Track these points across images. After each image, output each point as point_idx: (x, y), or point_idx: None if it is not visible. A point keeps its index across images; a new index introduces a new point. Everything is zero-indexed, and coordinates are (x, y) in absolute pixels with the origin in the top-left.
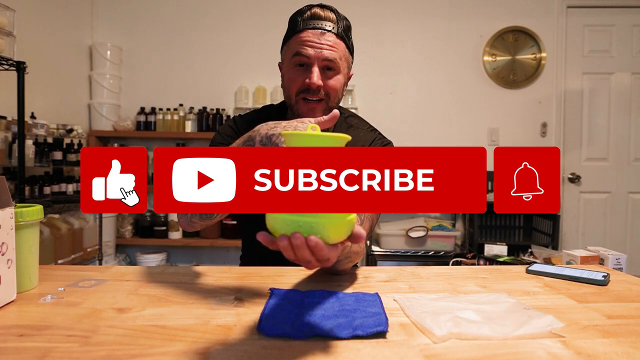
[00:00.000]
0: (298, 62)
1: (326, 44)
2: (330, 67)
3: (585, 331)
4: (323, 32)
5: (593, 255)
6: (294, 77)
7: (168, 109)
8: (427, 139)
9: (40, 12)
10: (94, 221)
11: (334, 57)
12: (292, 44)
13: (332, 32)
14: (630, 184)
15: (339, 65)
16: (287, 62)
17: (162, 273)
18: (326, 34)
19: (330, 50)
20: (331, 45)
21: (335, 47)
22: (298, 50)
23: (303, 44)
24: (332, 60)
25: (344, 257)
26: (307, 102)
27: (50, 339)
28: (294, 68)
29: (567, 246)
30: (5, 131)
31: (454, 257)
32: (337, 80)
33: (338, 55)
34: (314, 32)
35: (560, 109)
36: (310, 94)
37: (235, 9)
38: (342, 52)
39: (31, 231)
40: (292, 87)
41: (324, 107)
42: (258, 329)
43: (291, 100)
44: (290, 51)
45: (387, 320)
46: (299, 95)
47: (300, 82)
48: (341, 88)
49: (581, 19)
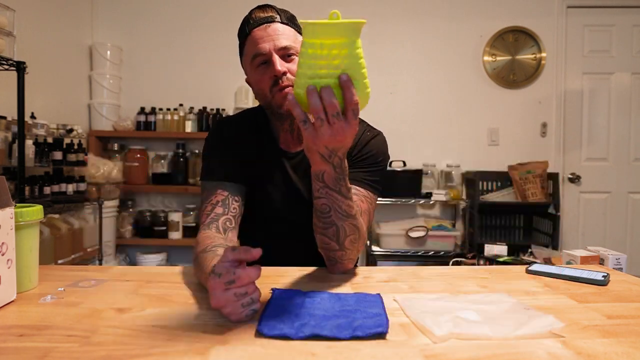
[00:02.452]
0: (258, 62)
1: (275, 33)
2: (289, 54)
3: (585, 331)
4: (268, 24)
5: (593, 255)
6: (260, 77)
7: (168, 109)
8: (427, 139)
9: (40, 12)
10: (94, 221)
11: (288, 43)
12: (247, 49)
13: (276, 21)
14: (630, 184)
15: (295, 48)
16: (250, 68)
17: (162, 273)
18: (271, 25)
19: (282, 38)
20: (281, 33)
21: (285, 33)
22: (254, 50)
23: (256, 43)
24: (286, 46)
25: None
26: (280, 91)
27: (50, 339)
28: (257, 69)
29: (567, 246)
30: (5, 131)
31: (454, 257)
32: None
33: (291, 40)
34: (260, 27)
35: (560, 109)
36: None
37: (235, 9)
38: (293, 37)
39: (31, 231)
40: (263, 87)
41: None
42: (258, 329)
43: (267, 98)
44: (248, 57)
45: (387, 321)
46: (272, 90)
47: (268, 78)
48: None
49: (581, 19)
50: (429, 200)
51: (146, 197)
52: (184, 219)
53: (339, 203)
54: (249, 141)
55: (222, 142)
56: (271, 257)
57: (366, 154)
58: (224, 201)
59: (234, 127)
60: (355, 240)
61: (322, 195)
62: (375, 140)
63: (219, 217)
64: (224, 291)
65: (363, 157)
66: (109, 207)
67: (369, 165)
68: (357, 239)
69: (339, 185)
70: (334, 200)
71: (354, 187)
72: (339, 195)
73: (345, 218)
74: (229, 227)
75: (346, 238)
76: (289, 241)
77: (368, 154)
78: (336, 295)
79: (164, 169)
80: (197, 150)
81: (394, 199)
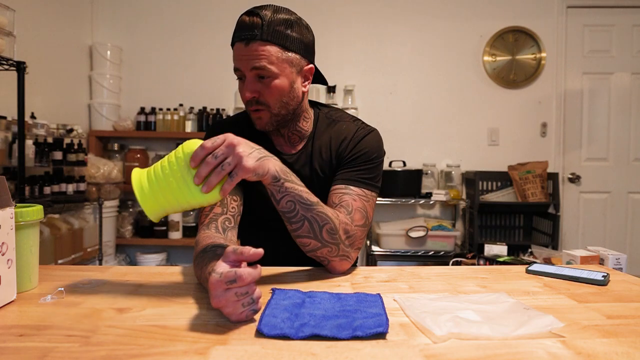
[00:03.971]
0: (238, 76)
1: (251, 53)
2: (262, 75)
3: (585, 331)
4: (247, 42)
5: (593, 255)
6: (240, 90)
7: (168, 109)
8: (427, 139)
9: (40, 12)
10: (94, 221)
11: (262, 65)
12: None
13: (256, 39)
14: (630, 184)
15: (271, 70)
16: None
17: (162, 273)
18: (250, 44)
19: (257, 58)
20: (257, 53)
21: (262, 53)
22: (234, 64)
23: (235, 58)
24: (260, 67)
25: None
26: (253, 112)
27: (50, 339)
28: (238, 82)
29: (567, 246)
30: (5, 131)
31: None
32: (275, 86)
33: (268, 60)
34: (240, 44)
35: (560, 109)
36: (249, 105)
37: (236, 9)
38: (273, 56)
39: (31, 231)
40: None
41: (267, 113)
42: (258, 329)
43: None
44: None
45: (387, 321)
46: (248, 108)
47: (243, 95)
48: (285, 91)
49: (581, 19)
50: (428, 200)
51: None
52: (184, 219)
53: (299, 192)
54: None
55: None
56: (271, 257)
57: (358, 152)
58: (222, 201)
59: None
60: (333, 231)
61: (281, 193)
62: (368, 138)
63: (218, 216)
64: (224, 291)
65: (355, 156)
66: (109, 207)
67: (363, 163)
68: (335, 229)
69: (288, 174)
70: (293, 192)
71: (347, 186)
72: (295, 185)
73: (310, 207)
74: (228, 227)
75: (322, 230)
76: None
77: (360, 152)
78: (336, 295)
79: None
80: None
81: (394, 199)
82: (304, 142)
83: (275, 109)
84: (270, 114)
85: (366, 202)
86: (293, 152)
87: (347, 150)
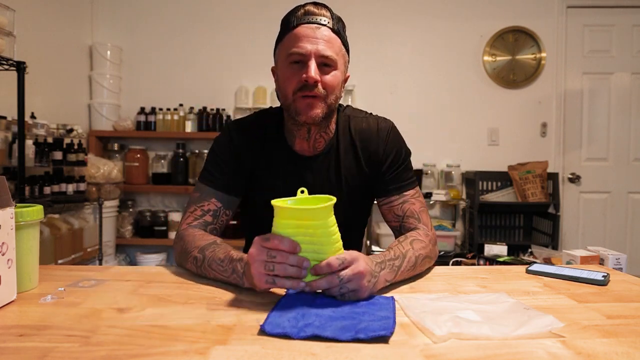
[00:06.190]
0: (294, 59)
1: (322, 38)
2: (327, 64)
3: (585, 331)
4: (318, 26)
5: (593, 255)
6: (290, 75)
7: (168, 109)
8: (427, 139)
9: (40, 12)
10: (94, 221)
11: (331, 54)
12: (287, 42)
13: (327, 26)
14: (630, 184)
15: (336, 61)
16: (282, 61)
17: (162, 273)
18: (322, 28)
19: (327, 46)
20: (327, 40)
21: (331, 42)
22: (293, 46)
23: (299, 39)
24: (328, 56)
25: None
26: (305, 98)
27: (50, 339)
28: (290, 66)
29: (567, 246)
30: (5, 131)
31: (454, 257)
32: (335, 77)
33: (334, 50)
34: (309, 26)
35: (560, 109)
36: (308, 90)
37: (236, 9)
38: (338, 48)
39: (31, 231)
40: (288, 87)
41: (322, 104)
42: (261, 327)
43: (288, 100)
44: (284, 50)
45: (394, 324)
46: (296, 94)
47: (297, 79)
48: (339, 86)
49: (581, 19)
50: (429, 200)
51: (146, 197)
52: None
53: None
54: (259, 148)
55: (229, 149)
56: None
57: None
58: (215, 212)
59: (246, 133)
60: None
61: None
62: (391, 137)
63: (207, 225)
64: (261, 248)
65: (391, 161)
66: (109, 207)
67: (399, 165)
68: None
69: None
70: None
71: (401, 194)
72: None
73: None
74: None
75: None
76: None
77: (394, 153)
78: None
79: (164, 169)
80: (197, 150)
81: None
82: (326, 143)
83: (330, 100)
84: (324, 104)
85: (420, 199)
86: (314, 154)
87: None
